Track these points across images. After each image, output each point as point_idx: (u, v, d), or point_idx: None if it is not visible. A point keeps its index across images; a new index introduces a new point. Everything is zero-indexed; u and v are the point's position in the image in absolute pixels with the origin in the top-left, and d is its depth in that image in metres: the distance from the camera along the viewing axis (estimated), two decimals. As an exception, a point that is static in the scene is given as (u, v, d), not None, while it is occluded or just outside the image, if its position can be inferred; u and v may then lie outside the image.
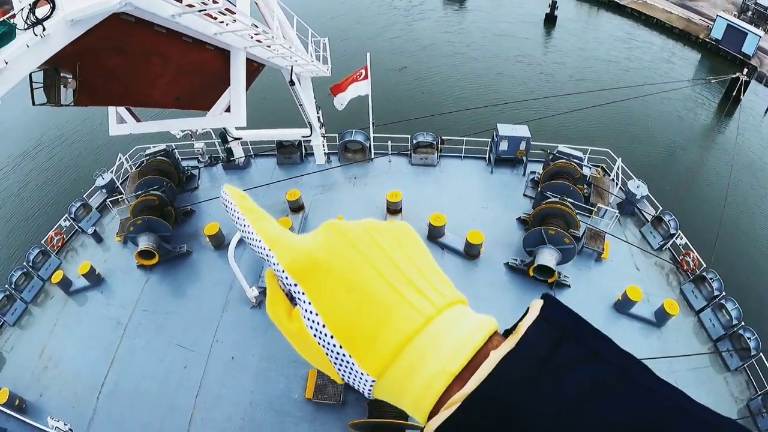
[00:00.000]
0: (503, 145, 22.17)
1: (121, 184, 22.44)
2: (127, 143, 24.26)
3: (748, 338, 16.86)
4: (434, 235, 19.14)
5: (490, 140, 22.99)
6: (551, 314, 0.84)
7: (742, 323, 17.40)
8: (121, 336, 17.13)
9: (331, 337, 0.93)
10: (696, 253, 19.74)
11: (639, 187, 21.19)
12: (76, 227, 20.93)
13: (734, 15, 67.30)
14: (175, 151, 22.58)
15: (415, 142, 22.91)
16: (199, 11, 11.05)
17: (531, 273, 17.65)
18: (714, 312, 18.05)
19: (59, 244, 20.61)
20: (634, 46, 62.93)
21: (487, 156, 23.43)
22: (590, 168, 21.80)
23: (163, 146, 22.24)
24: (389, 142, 23.07)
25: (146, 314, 17.72)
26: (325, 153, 23.12)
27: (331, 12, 61.23)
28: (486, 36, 59.33)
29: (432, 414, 0.85)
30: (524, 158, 22.72)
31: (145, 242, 18.02)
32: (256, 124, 22.06)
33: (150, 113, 20.31)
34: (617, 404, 0.73)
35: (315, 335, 0.95)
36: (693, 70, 60.88)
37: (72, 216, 20.61)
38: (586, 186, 20.76)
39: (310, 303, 0.96)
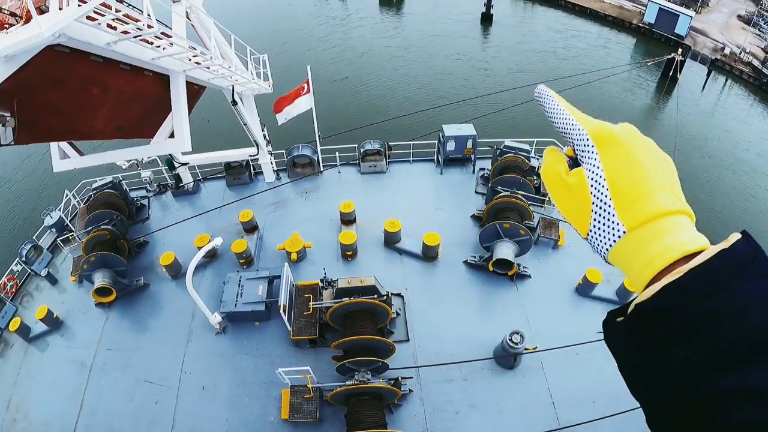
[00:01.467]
0: (450, 146, 22.43)
1: (70, 221, 21.88)
2: (72, 178, 23.64)
3: None
4: (390, 241, 19.24)
5: (436, 142, 23.21)
6: (749, 240, 1.05)
7: None
8: (87, 378, 16.73)
9: (607, 189, 1.24)
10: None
11: (587, 173, 21.54)
12: (29, 270, 20.30)
13: (666, -1, 68.81)
14: (123, 182, 22.18)
15: (362, 150, 23.01)
16: (135, 37, 10.95)
17: (491, 268, 17.86)
18: None
19: (13, 290, 19.97)
20: (570, 36, 64.12)
21: (435, 157, 23.68)
22: (538, 159, 22.07)
23: (109, 178, 21.85)
24: (337, 153, 23.10)
25: (110, 353, 17.32)
26: (274, 170, 23.07)
27: (268, 27, 61.08)
28: (423, 38, 59.84)
29: (652, 282, 1.13)
30: (472, 156, 23.02)
31: (100, 279, 17.63)
32: (203, 148, 21.89)
33: (93, 145, 19.93)
34: None
35: (593, 186, 1.28)
36: (629, 54, 62.26)
37: (23, 259, 19.97)
38: (535, 177, 21.05)
39: (600, 162, 1.29)
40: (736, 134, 47.44)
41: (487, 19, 64.85)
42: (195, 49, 13.53)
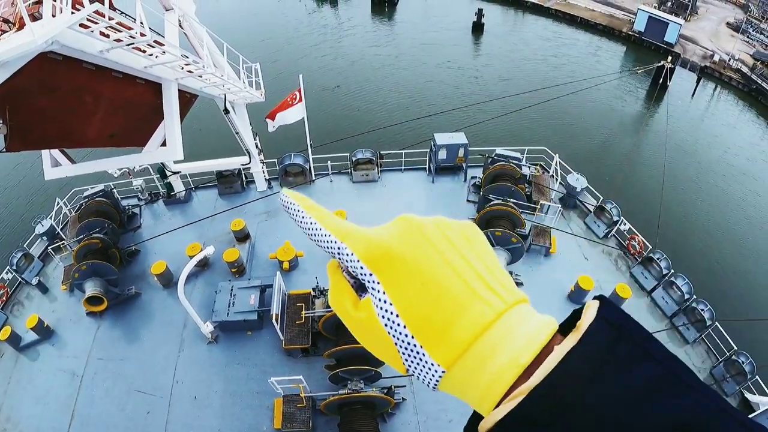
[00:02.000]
0: (442, 154, 22.48)
1: (61, 229, 21.80)
2: (64, 186, 23.60)
3: (702, 310, 17.71)
4: (381, 251, 19.11)
5: (428, 150, 23.28)
6: (608, 314, 0.87)
7: (694, 296, 18.24)
8: (78, 388, 16.61)
9: (404, 327, 0.95)
10: (641, 237, 20.44)
11: (578, 180, 21.72)
12: (20, 279, 20.11)
13: (654, 7, 69.48)
14: (114, 190, 22.03)
15: (354, 159, 23.01)
16: (128, 45, 10.95)
17: (483, 276, 17.83)
18: (665, 290, 18.83)
19: (3, 299, 19.79)
20: (560, 44, 64.46)
21: (427, 166, 23.72)
22: (529, 167, 22.26)
23: (101, 187, 21.65)
24: (329, 162, 23.12)
25: (101, 362, 17.20)
26: (265, 179, 22.99)
27: (261, 35, 61.11)
28: (414, 46, 60.07)
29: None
30: (464, 164, 23.10)
31: (91, 288, 17.49)
32: (195, 156, 21.84)
33: (84, 154, 19.85)
34: (667, 403, 0.76)
35: (386, 324, 0.96)
36: (619, 62, 62.63)
37: (14, 267, 19.81)
38: (527, 185, 21.20)
39: (384, 293, 0.98)
40: (725, 140, 47.80)
41: (478, 28, 65.09)
42: (187, 57, 13.55)
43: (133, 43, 10.98)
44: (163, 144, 14.81)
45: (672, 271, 19.06)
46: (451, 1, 77.01)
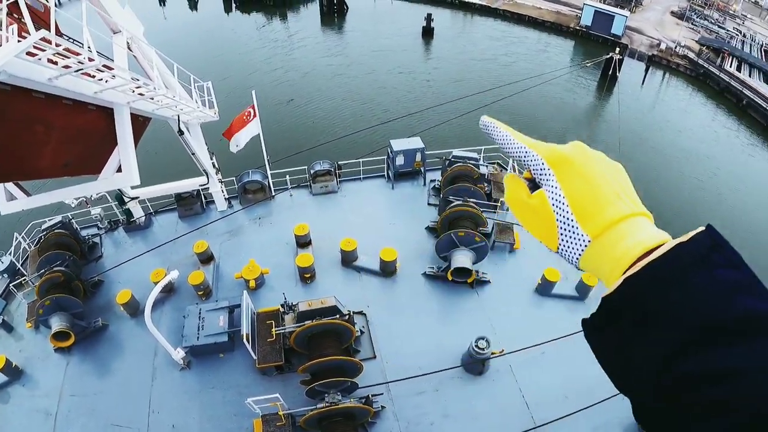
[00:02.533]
0: (399, 160, 22.66)
1: (21, 265, 21.20)
2: (21, 220, 23.09)
3: None
4: (348, 260, 19.25)
5: (386, 157, 23.44)
6: (711, 232, 1.14)
7: None
8: (53, 427, 16.17)
9: (567, 206, 1.38)
10: (602, 222, 20.73)
11: (536, 175, 21.96)
12: (-18, 320, 19.66)
13: (600, 1, 70.79)
14: (73, 221, 21.59)
15: (312, 171, 23.03)
16: (76, 71, 10.79)
17: (450, 277, 18.06)
18: None
19: (-33, 342, 19.36)
20: (509, 43, 65.40)
21: (385, 173, 23.92)
22: (487, 166, 22.53)
23: (59, 218, 21.24)
24: (287, 176, 23.09)
25: (75, 399, 16.78)
26: (225, 198, 22.81)
27: (210, 53, 60.85)
28: (365, 54, 60.42)
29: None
30: (422, 169, 23.31)
31: (57, 323, 17.09)
32: (153, 180, 21.52)
33: (40, 185, 19.48)
34: (750, 301, 1.05)
35: (554, 205, 1.41)
36: (569, 57, 63.68)
37: (-25, 309, 19.34)
38: (486, 184, 21.43)
39: (557, 184, 1.42)
40: (677, 124, 48.97)
41: (428, 32, 65.71)
42: (138, 80, 13.41)
43: (82, 69, 10.80)
44: (119, 170, 14.64)
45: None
46: (400, 7, 77.67)
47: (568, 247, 1.40)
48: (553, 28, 69.38)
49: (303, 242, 19.76)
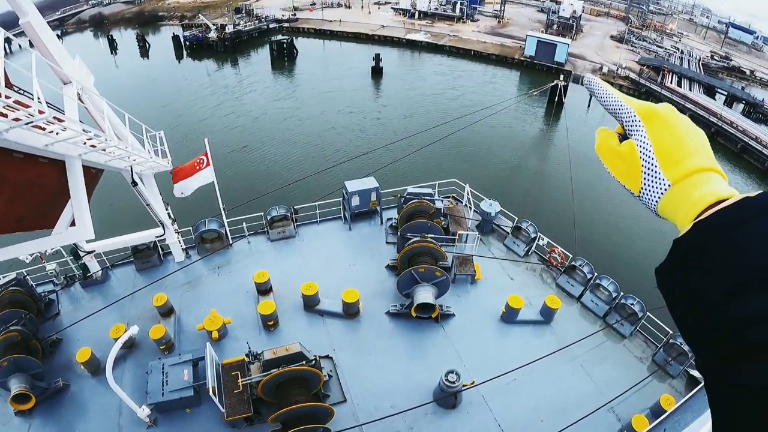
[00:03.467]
0: (355, 201, 22.75)
1: (-24, 324, 20.62)
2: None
3: (632, 304, 18.68)
4: (310, 305, 19.07)
5: (341, 199, 23.50)
6: None
7: (622, 293, 19.20)
8: (19, 499, 15.75)
9: (653, 153, 1.54)
10: (560, 248, 21.36)
11: (492, 206, 22.43)
12: (-63, 386, 18.90)
13: (542, 31, 72.93)
14: (27, 278, 20.69)
15: (269, 217, 22.87)
16: (27, 124, 10.63)
17: (413, 314, 18.04)
18: (593, 293, 19.75)
19: None
20: (456, 77, 66.56)
21: (342, 214, 23.94)
22: (442, 200, 22.74)
23: (13, 275, 20.37)
24: (244, 223, 22.94)
25: (39, 466, 16.34)
26: (182, 249, 22.42)
27: (162, 100, 60.80)
28: (315, 95, 61.13)
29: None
30: (378, 208, 23.43)
31: (16, 385, 16.33)
32: (109, 233, 21.27)
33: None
34: None
35: (641, 151, 1.57)
36: (516, 86, 65.29)
37: (-71, 375, 18.61)
38: (442, 218, 21.60)
39: (646, 134, 1.58)
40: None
41: (377, 72, 66.64)
42: (89, 132, 13.27)
43: (32, 121, 10.64)
44: (73, 224, 14.41)
45: (596, 274, 19.96)
46: (348, 49, 78.66)
47: (650, 191, 1.56)
48: (498, 60, 71.11)
49: (264, 289, 19.55)
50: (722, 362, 1.11)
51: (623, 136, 1.70)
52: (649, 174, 1.55)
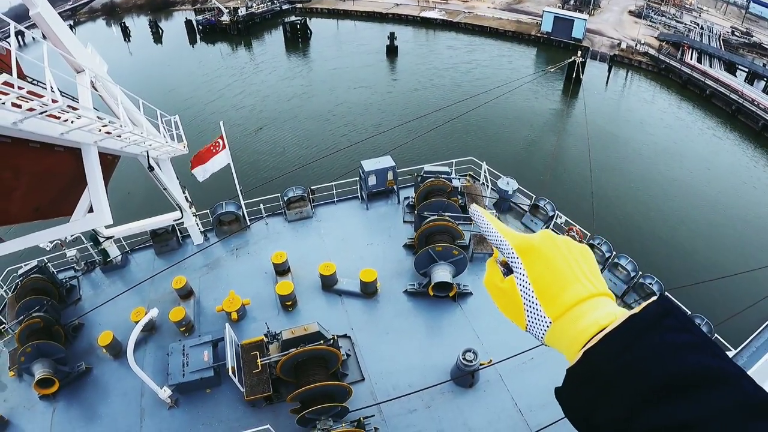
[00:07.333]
0: (372, 180, 22.73)
1: (-1, 312, 21.13)
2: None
3: (650, 284, 18.64)
4: (328, 285, 19.15)
5: (358, 178, 23.48)
6: (663, 301, 1.29)
7: (640, 273, 19.04)
8: (43, 478, 16.01)
9: (533, 291, 1.52)
10: (578, 227, 21.12)
11: (509, 184, 22.23)
12: (-37, 374, 19.19)
13: (559, 7, 71.94)
14: (49, 264, 21.20)
15: (286, 198, 22.92)
16: (41, 114, 10.67)
17: (431, 293, 18.06)
18: (611, 272, 19.58)
19: (-52, 397, 18.90)
20: (473, 54, 66.04)
21: (359, 194, 23.92)
22: (459, 179, 22.60)
23: (35, 263, 20.81)
24: (261, 205, 23.00)
25: (63, 448, 16.60)
26: (201, 231, 22.57)
27: (177, 85, 61.04)
28: (328, 76, 61.21)
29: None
30: (395, 187, 23.39)
31: (40, 370, 16.72)
32: (127, 218, 21.42)
33: (11, 230, 19.18)
34: (701, 358, 1.16)
35: (521, 289, 1.55)
36: (533, 63, 64.50)
37: (-46, 361, 18.89)
38: (459, 197, 21.46)
39: (524, 270, 1.56)
40: (641, 118, 50.10)
41: (392, 51, 66.30)
42: (103, 119, 13.30)
43: (47, 111, 10.64)
44: (91, 210, 14.48)
45: (614, 253, 19.79)
46: (363, 28, 78.35)
47: (534, 327, 1.55)
48: (515, 37, 70.29)
49: (281, 270, 19.65)
50: None
51: (509, 267, 1.67)
52: (531, 312, 1.55)
